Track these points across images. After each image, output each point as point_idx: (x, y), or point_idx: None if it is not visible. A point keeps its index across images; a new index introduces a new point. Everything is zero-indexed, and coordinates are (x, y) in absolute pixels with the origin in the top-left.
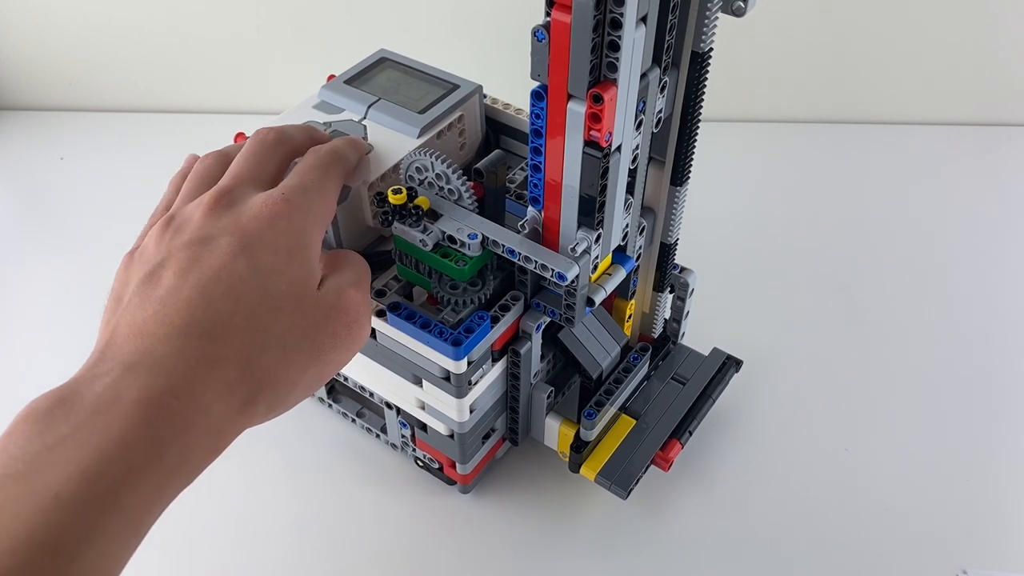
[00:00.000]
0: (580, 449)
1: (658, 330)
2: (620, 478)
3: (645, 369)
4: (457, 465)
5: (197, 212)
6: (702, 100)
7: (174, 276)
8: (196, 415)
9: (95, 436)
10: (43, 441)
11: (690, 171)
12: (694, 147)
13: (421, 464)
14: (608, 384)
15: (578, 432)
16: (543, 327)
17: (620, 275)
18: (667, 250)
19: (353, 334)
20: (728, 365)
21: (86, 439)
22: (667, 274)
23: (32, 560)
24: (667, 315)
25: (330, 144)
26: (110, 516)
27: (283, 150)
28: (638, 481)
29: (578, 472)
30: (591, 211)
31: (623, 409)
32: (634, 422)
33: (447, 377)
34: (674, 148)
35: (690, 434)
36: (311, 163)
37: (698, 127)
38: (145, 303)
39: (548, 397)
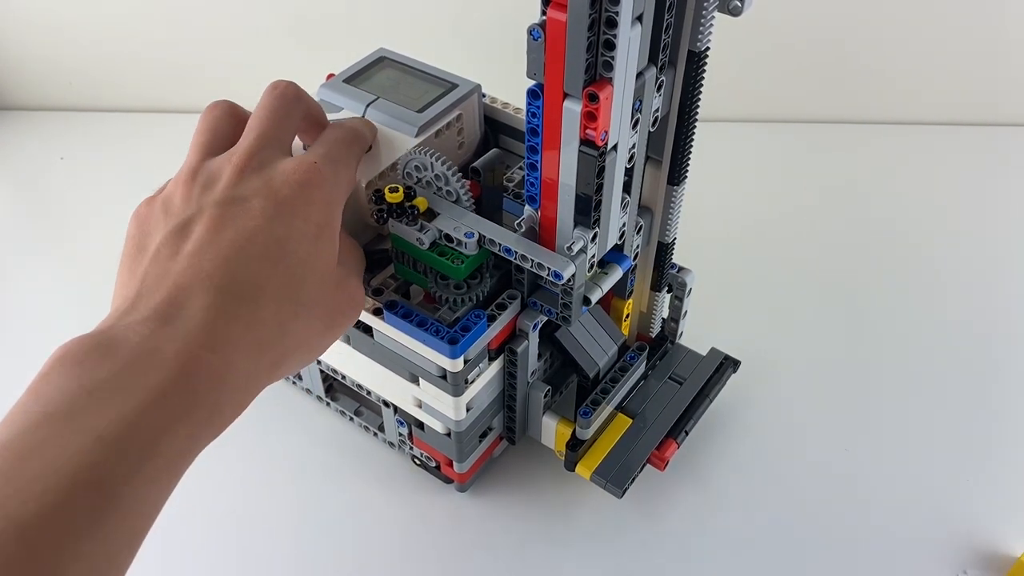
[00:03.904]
0: (576, 447)
1: (656, 329)
2: (616, 477)
3: (642, 368)
4: (454, 463)
5: (227, 169)
6: (699, 99)
7: (206, 232)
8: (228, 371)
9: (136, 385)
10: (80, 383)
11: (687, 170)
12: (691, 146)
13: (418, 462)
14: (605, 383)
15: (574, 430)
16: (540, 326)
17: (617, 274)
18: (665, 249)
19: (352, 319)
20: (726, 365)
21: (126, 387)
22: (665, 273)
23: (77, 496)
24: (664, 315)
25: (351, 121)
26: (149, 460)
27: (301, 107)
28: (633, 480)
29: (574, 470)
30: (587, 210)
31: (620, 408)
32: (630, 421)
33: (444, 375)
34: (671, 147)
35: (686, 434)
36: (338, 135)
37: (695, 126)
38: (176, 255)
39: (545, 396)
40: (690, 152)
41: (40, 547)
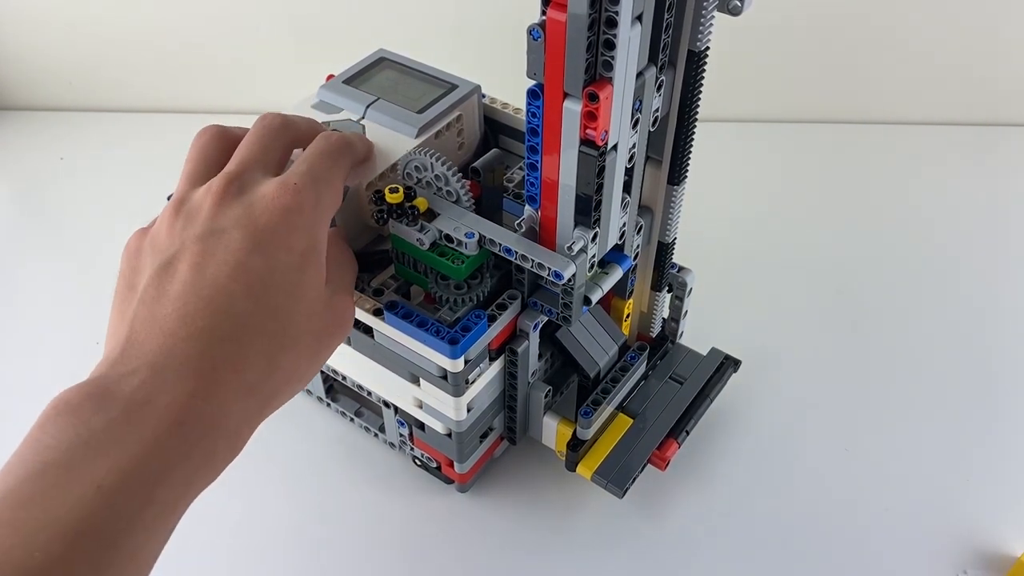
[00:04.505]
0: (577, 448)
1: (656, 329)
2: (616, 477)
3: (643, 368)
4: (455, 464)
5: (207, 200)
6: (699, 99)
7: (189, 271)
8: (221, 417)
9: (131, 435)
10: (77, 433)
11: (687, 170)
12: (691, 146)
13: (419, 463)
14: (605, 383)
15: (575, 430)
16: (540, 326)
17: (617, 274)
18: (665, 249)
19: (341, 338)
20: (726, 365)
21: (122, 437)
22: (665, 273)
23: (79, 546)
24: (665, 315)
25: (338, 133)
26: (147, 508)
27: (288, 135)
28: (634, 480)
29: (575, 471)
30: (587, 210)
31: (620, 408)
32: (631, 421)
33: (444, 376)
34: (671, 147)
35: (687, 434)
36: (322, 149)
37: (695, 126)
38: (162, 298)
39: (546, 396)
40: (690, 152)
41: None
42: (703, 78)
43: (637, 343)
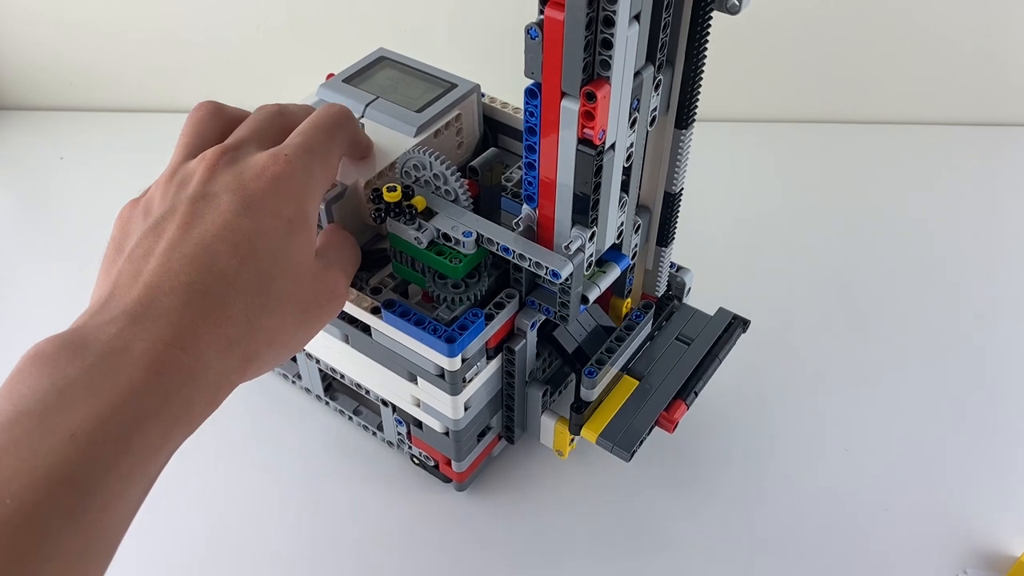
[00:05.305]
0: (581, 410)
1: (662, 288)
2: (623, 440)
3: (648, 328)
4: (452, 463)
5: (200, 167)
6: (708, 35)
7: (176, 229)
8: (199, 369)
9: (106, 383)
10: (52, 382)
11: (695, 113)
12: (699, 88)
13: (417, 462)
14: (610, 342)
15: (579, 392)
16: (538, 325)
17: (615, 273)
18: (672, 200)
19: (331, 313)
20: (735, 325)
21: (97, 385)
22: (672, 225)
23: (53, 493)
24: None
25: (334, 107)
26: (122, 457)
27: (284, 120)
28: (641, 443)
29: (579, 434)
30: (585, 209)
31: (625, 370)
32: (637, 383)
33: (442, 374)
34: (679, 89)
35: (695, 395)
36: (319, 121)
37: (704, 65)
38: (148, 256)
39: (543, 395)
40: (699, 94)
41: (19, 544)
42: (711, 17)
43: (642, 302)
